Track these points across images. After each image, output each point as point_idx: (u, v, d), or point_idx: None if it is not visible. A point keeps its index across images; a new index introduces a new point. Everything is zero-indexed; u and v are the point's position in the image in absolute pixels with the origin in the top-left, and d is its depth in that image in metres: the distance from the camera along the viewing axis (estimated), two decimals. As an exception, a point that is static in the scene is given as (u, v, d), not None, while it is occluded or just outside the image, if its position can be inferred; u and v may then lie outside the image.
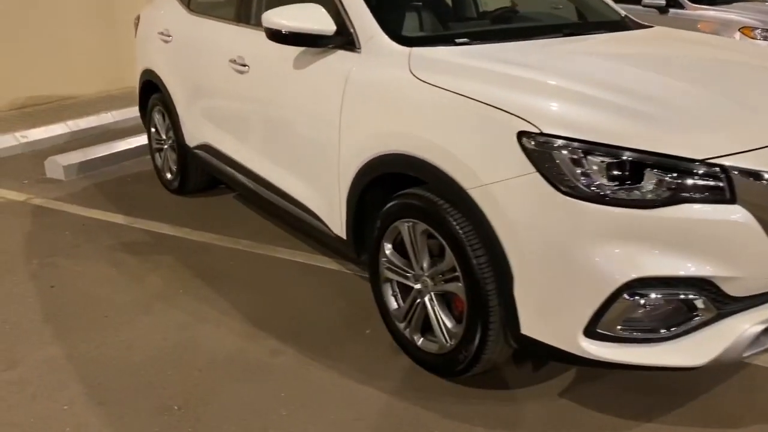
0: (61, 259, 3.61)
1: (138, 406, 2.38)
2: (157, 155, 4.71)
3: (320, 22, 2.68)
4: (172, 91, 4.12)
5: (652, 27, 3.23)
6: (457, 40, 2.64)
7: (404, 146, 2.33)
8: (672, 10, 8.18)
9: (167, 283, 3.30)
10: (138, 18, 4.67)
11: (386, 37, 2.59)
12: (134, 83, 4.81)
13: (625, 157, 1.88)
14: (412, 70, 2.39)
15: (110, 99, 7.12)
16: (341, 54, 2.69)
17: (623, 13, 3.36)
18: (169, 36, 4.07)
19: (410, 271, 2.53)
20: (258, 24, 3.32)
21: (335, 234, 2.88)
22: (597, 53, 2.69)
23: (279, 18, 2.72)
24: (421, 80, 2.33)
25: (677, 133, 1.95)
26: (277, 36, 2.74)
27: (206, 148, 3.91)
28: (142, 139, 5.56)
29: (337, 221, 2.83)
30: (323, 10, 2.72)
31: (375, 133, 2.47)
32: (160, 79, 4.23)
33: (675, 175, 1.85)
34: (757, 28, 7.53)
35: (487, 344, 2.24)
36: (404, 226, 2.46)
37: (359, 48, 2.63)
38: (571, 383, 2.49)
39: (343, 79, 2.61)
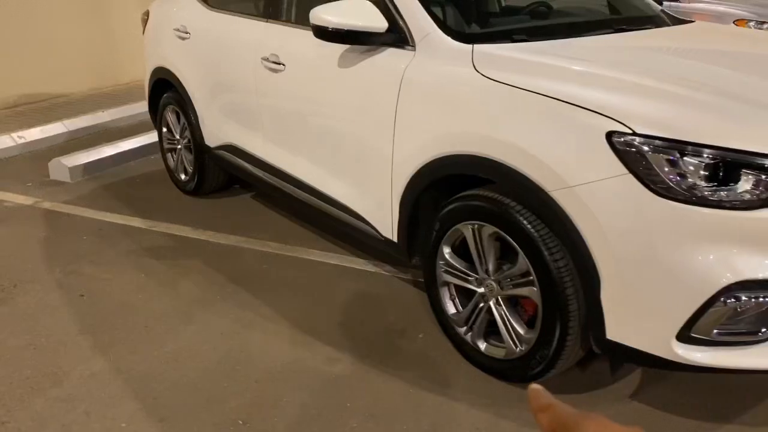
0: (85, 266, 3.48)
1: (201, 421, 2.29)
2: (169, 156, 4.58)
3: (372, 19, 2.60)
4: (190, 90, 3.99)
5: (692, 21, 3.20)
6: (515, 37, 2.57)
7: (472, 147, 2.27)
8: (666, 3, 8.21)
9: (202, 289, 3.20)
10: (146, 14, 4.52)
11: (443, 34, 2.51)
12: (128, 80, 4.65)
13: (721, 157, 1.84)
14: (478, 67, 2.33)
15: (103, 97, 6.91)
16: (392, 52, 2.61)
17: (659, 6, 3.33)
18: (187, 33, 3.94)
19: (472, 274, 2.47)
20: (293, 21, 3.24)
21: (384, 237, 2.80)
22: (660, 49, 2.65)
23: (328, 15, 2.63)
24: (489, 78, 2.26)
25: None
26: (325, 33, 2.66)
27: (230, 148, 3.80)
28: (146, 139, 5.44)
29: (387, 224, 2.76)
30: (373, 6, 2.64)
31: (437, 134, 2.40)
32: (176, 78, 4.10)
33: (773, 175, 1.82)
34: (752, 21, 7.60)
35: (565, 349, 2.19)
36: (468, 229, 2.40)
37: (413, 46, 2.55)
38: (639, 385, 2.46)
39: (398, 79, 2.53)
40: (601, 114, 1.96)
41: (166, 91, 4.38)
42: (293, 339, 2.78)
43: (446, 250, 2.53)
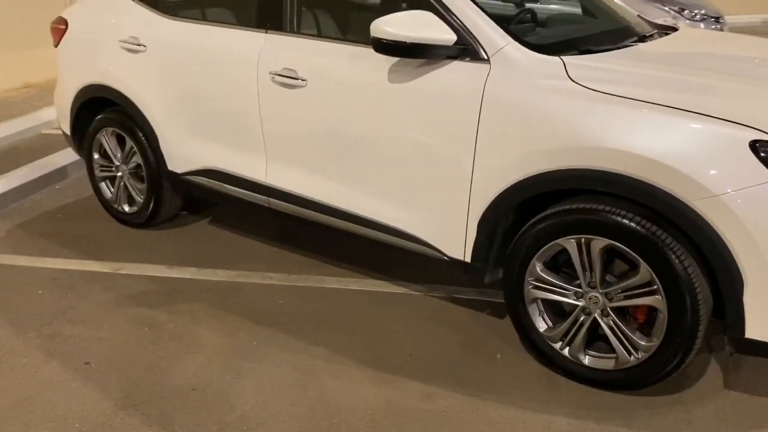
0: (64, 326, 2.93)
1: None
2: (104, 185, 4.00)
3: (439, 31, 2.46)
4: (146, 109, 3.50)
5: (677, 28, 3.40)
6: (580, 48, 2.57)
7: (585, 161, 2.23)
8: None
9: (228, 336, 2.84)
10: (61, 22, 3.89)
11: (521, 46, 2.44)
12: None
13: None
14: (577, 80, 2.29)
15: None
16: (460, 66, 2.49)
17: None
18: (141, 45, 3.45)
19: (571, 288, 2.44)
20: (311, 33, 2.98)
21: (450, 257, 2.67)
22: (726, 56, 2.79)
23: (393, 27, 2.44)
24: (597, 91, 2.24)
25: None
26: (387, 47, 2.47)
27: (211, 173, 3.39)
28: (42, 166, 4.73)
29: (457, 244, 2.63)
30: (436, 17, 2.49)
31: (533, 151, 2.32)
32: (123, 96, 3.58)
33: None
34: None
35: (691, 353, 2.25)
36: (571, 243, 2.36)
37: (486, 59, 2.45)
38: (735, 375, 2.57)
39: (477, 94, 2.41)
40: (741, 124, 2.02)
41: (98, 112, 3.81)
42: (372, 379, 2.55)
43: (538, 266, 2.47)
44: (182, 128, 3.43)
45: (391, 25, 2.45)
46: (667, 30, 3.23)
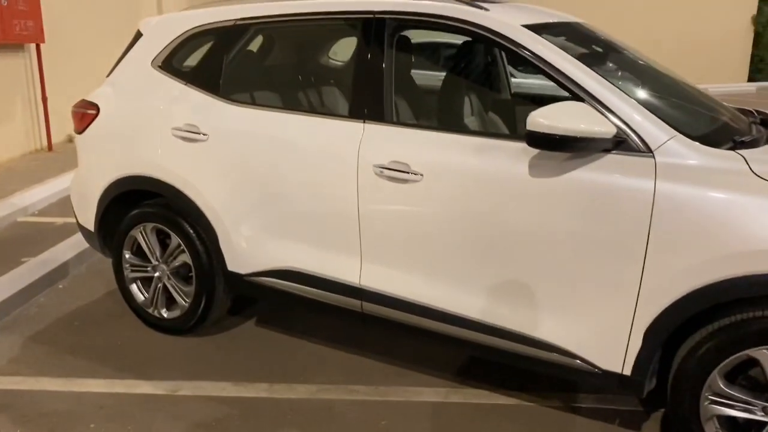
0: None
1: None
2: (134, 287, 3.52)
3: (597, 123, 2.25)
4: (205, 204, 3.11)
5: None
6: (734, 139, 2.42)
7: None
8: None
9: (345, 473, 2.42)
10: (91, 107, 3.47)
11: (688, 139, 2.26)
12: None
13: None
14: (763, 175, 2.11)
15: None
16: (617, 160, 2.27)
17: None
18: (201, 134, 3.08)
19: (759, 402, 2.20)
20: (418, 124, 2.71)
21: (605, 370, 2.39)
22: None
23: (551, 120, 2.22)
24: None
25: None
26: (545, 140, 2.24)
27: (286, 274, 3.01)
28: (45, 261, 4.21)
29: (615, 356, 2.36)
30: (591, 108, 2.30)
31: (721, 254, 2.11)
32: (175, 190, 3.17)
33: None
34: None
35: None
36: (765, 354, 2.13)
37: (648, 152, 2.25)
38: None
39: (648, 193, 2.20)
40: None
41: (130, 206, 3.39)
42: None
43: (719, 380, 2.22)
44: (251, 225, 3.05)
45: (549, 118, 2.23)
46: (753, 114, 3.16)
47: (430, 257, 2.65)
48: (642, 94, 2.56)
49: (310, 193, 2.86)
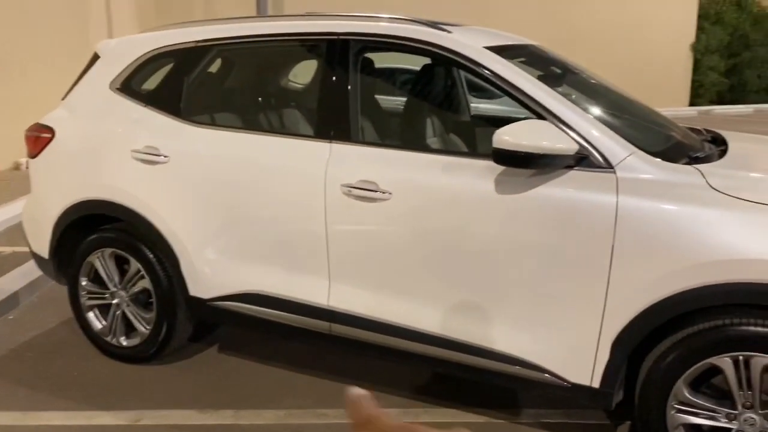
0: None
1: None
2: (91, 315, 3.41)
3: (560, 140, 2.31)
4: (167, 227, 3.05)
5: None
6: (690, 155, 2.51)
7: (743, 274, 2.10)
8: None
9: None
10: (45, 130, 3.38)
11: (647, 154, 2.33)
12: None
13: None
14: (720, 189, 2.20)
15: None
16: (578, 176, 2.33)
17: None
18: (162, 155, 3.03)
19: (722, 409, 2.26)
20: (386, 143, 2.73)
21: (574, 383, 2.42)
22: None
23: (516, 138, 2.27)
24: (747, 200, 2.15)
25: None
26: (511, 157, 2.28)
27: (250, 297, 2.97)
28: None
29: (583, 369, 2.40)
30: (554, 127, 2.36)
31: (684, 265, 2.17)
32: (135, 214, 3.10)
33: None
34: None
35: None
36: (726, 361, 2.20)
37: (609, 168, 2.31)
38: None
39: (611, 208, 2.25)
40: None
41: (87, 232, 3.30)
42: None
43: (684, 389, 2.27)
44: (214, 248, 3.00)
45: (514, 136, 2.28)
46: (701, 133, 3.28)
47: (399, 275, 2.65)
48: (600, 112, 2.64)
49: (276, 215, 2.84)
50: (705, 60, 15.85)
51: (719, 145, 2.85)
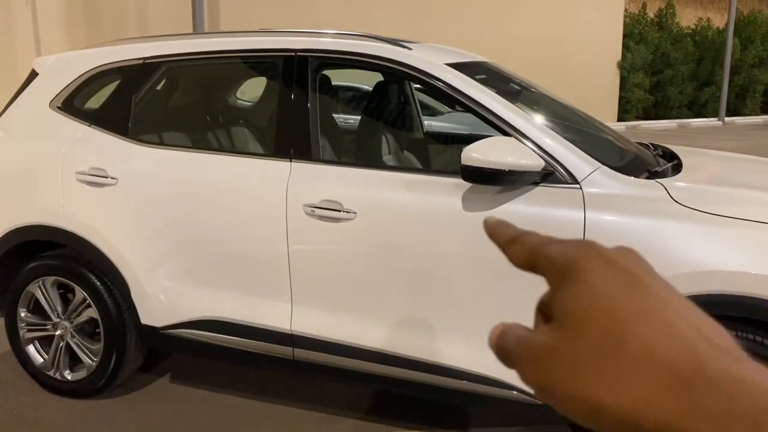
0: None
1: None
2: (31, 348, 3.20)
3: (527, 156, 2.31)
4: (114, 253, 2.90)
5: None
6: (649, 170, 2.56)
7: (708, 286, 2.15)
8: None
9: None
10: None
11: (611, 170, 2.36)
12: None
13: None
14: (683, 202, 2.24)
15: None
16: (545, 192, 2.34)
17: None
18: (109, 177, 2.89)
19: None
20: (348, 161, 2.67)
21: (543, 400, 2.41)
22: (746, 168, 3.02)
23: (484, 155, 2.26)
24: (708, 213, 2.20)
25: None
26: (478, 174, 2.27)
27: (207, 324, 2.84)
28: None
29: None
30: (520, 144, 2.36)
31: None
32: (80, 239, 2.94)
33: None
34: None
35: None
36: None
37: (575, 183, 2.33)
38: None
39: (578, 223, 2.27)
40: None
41: (30, 260, 3.11)
42: None
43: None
44: (167, 273, 2.87)
45: (482, 153, 2.26)
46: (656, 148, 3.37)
47: (366, 296, 2.59)
48: (561, 129, 2.66)
49: (233, 237, 2.74)
50: (631, 77, 16.53)
51: (670, 160, 2.93)
